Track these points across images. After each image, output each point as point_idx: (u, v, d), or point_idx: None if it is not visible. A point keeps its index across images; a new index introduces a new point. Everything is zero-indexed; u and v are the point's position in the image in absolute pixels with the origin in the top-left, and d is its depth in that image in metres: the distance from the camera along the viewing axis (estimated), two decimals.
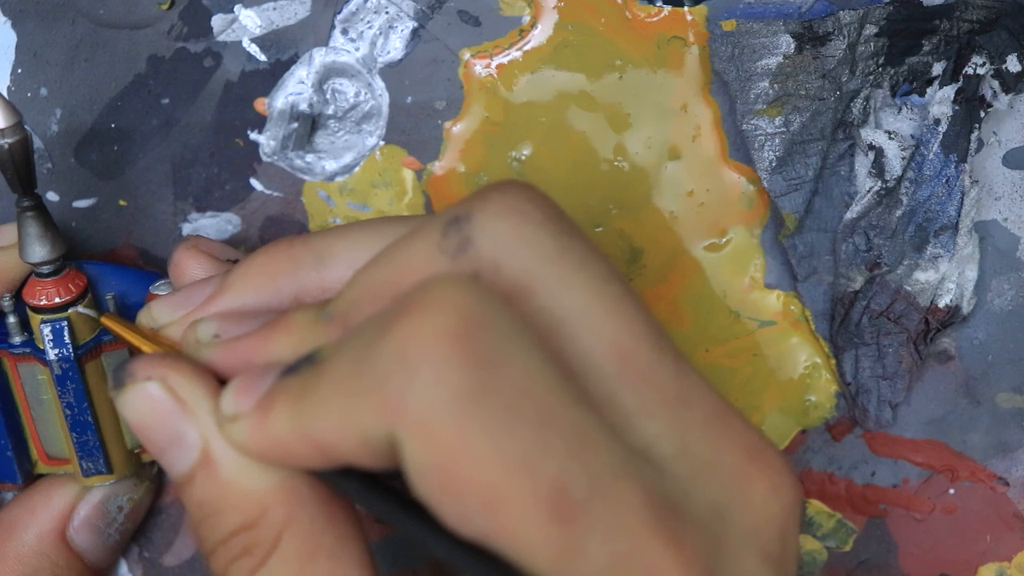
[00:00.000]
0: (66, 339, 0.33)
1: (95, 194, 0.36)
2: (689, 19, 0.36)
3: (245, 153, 0.36)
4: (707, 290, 0.38)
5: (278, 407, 0.26)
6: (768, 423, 0.38)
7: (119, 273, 0.35)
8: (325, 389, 0.24)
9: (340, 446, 0.24)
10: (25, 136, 0.31)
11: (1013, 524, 0.40)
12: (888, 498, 0.40)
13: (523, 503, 0.23)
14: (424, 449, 0.23)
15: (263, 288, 0.29)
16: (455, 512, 0.23)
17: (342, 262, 0.29)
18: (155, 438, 0.28)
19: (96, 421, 0.34)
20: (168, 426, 0.27)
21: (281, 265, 0.29)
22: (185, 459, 0.27)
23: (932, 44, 0.36)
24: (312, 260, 0.29)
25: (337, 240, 0.29)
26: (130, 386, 0.28)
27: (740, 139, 0.36)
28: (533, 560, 0.23)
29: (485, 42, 0.36)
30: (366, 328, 0.24)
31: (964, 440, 0.39)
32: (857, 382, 0.38)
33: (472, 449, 0.23)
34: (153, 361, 0.28)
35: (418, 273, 0.25)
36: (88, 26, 0.35)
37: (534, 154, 0.36)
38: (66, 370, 0.33)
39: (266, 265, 0.29)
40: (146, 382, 0.28)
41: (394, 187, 0.37)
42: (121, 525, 0.36)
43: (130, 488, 0.36)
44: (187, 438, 0.27)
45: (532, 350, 0.24)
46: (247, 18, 0.35)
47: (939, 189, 0.36)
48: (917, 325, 0.37)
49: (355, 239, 0.29)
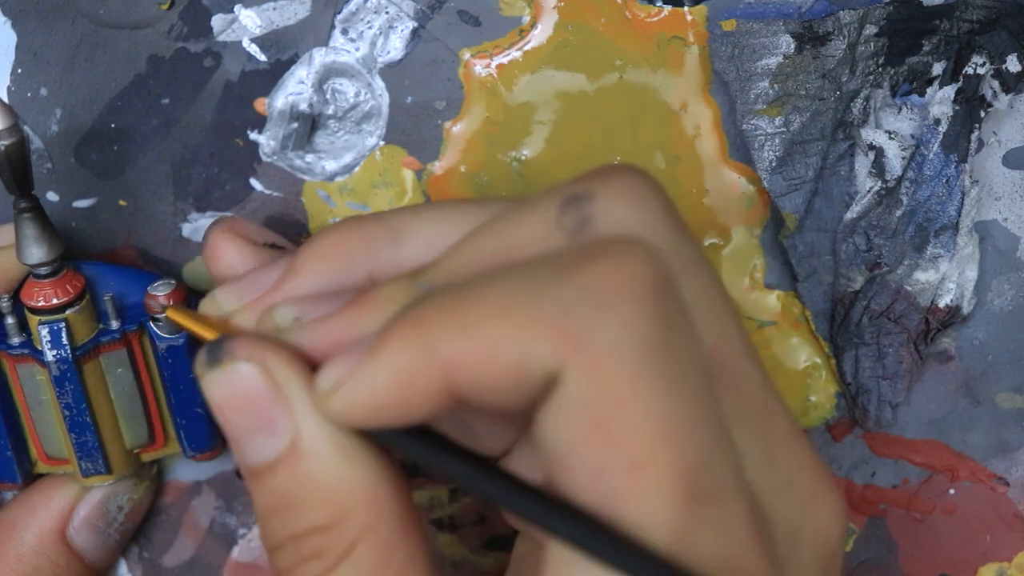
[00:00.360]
0: (64, 340, 0.33)
1: (95, 194, 0.36)
2: (689, 19, 0.36)
3: (245, 153, 0.36)
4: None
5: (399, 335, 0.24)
6: None
7: (117, 273, 0.35)
8: (479, 312, 0.23)
9: (482, 373, 0.23)
10: (22, 137, 0.31)
11: (1013, 524, 0.40)
12: (888, 498, 0.40)
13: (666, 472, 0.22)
14: (593, 387, 0.22)
15: (335, 268, 0.28)
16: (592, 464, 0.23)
17: (419, 240, 0.28)
18: (242, 422, 0.26)
19: (95, 422, 0.34)
20: (260, 410, 0.26)
21: (354, 243, 0.28)
22: (271, 447, 0.26)
23: (932, 44, 0.36)
24: (386, 238, 0.28)
25: (412, 218, 0.28)
26: (227, 365, 0.26)
27: (740, 139, 0.36)
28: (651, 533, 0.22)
29: (485, 42, 0.36)
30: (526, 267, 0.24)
31: (964, 440, 0.39)
32: (857, 382, 0.38)
33: (641, 403, 0.22)
34: (253, 342, 0.26)
35: (534, 247, 0.25)
36: (88, 26, 0.35)
37: (534, 154, 0.36)
38: (64, 371, 0.33)
39: (337, 244, 0.28)
40: (244, 362, 0.26)
41: (394, 187, 0.37)
42: (121, 525, 0.36)
43: (130, 488, 0.36)
44: (279, 425, 0.26)
45: (692, 328, 0.24)
46: (247, 18, 0.35)
47: (939, 189, 0.36)
48: (917, 325, 0.37)
49: (431, 219, 0.28)
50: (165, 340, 0.34)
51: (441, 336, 0.23)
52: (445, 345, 0.23)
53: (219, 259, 0.31)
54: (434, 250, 0.27)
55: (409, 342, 0.24)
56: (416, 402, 0.24)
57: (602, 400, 0.22)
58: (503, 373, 0.23)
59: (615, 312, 0.22)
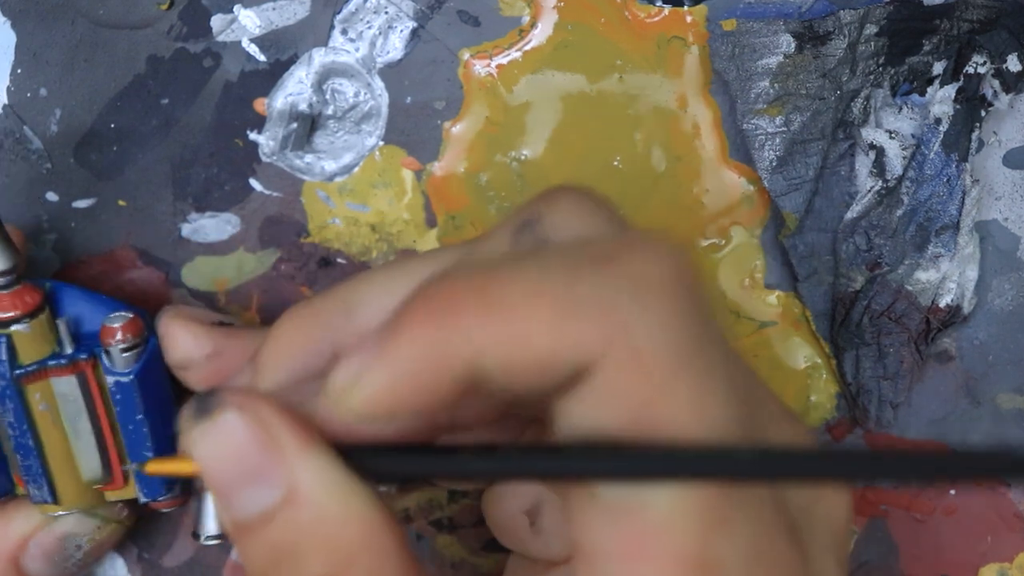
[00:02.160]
0: (3, 356, 0.31)
1: (95, 194, 0.36)
2: (689, 19, 0.36)
3: (245, 153, 0.36)
4: (707, 290, 0.38)
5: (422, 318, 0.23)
6: None
7: (81, 297, 0.33)
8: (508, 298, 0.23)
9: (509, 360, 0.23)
10: None
11: (1014, 525, 0.40)
12: (889, 499, 0.40)
13: None
14: (633, 380, 0.22)
15: (297, 357, 0.28)
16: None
17: (371, 306, 0.28)
18: (231, 474, 0.25)
19: (39, 447, 0.32)
20: (252, 461, 0.25)
21: (310, 327, 0.28)
22: (265, 498, 0.25)
23: (932, 44, 0.36)
24: (339, 310, 0.28)
25: (361, 286, 0.28)
26: (218, 415, 0.25)
27: (740, 139, 0.36)
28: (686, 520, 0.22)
29: (485, 42, 0.36)
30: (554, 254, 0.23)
31: (965, 440, 0.39)
32: (858, 382, 0.38)
33: (681, 396, 0.22)
34: (243, 393, 0.26)
35: None
36: (88, 26, 0.35)
37: (534, 154, 0.36)
38: (3, 388, 0.31)
39: (294, 334, 0.28)
40: (234, 412, 0.25)
41: (393, 187, 0.37)
42: (79, 560, 0.35)
43: (92, 529, 0.35)
44: (273, 474, 0.25)
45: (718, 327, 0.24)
46: (247, 18, 0.35)
47: (940, 188, 0.36)
48: (918, 325, 0.37)
49: (381, 283, 0.28)
50: (114, 375, 0.32)
51: (468, 317, 0.23)
52: (473, 327, 0.23)
53: (173, 344, 0.32)
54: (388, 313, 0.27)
55: (433, 324, 0.23)
56: (440, 389, 0.23)
57: (643, 393, 0.22)
58: (534, 359, 0.23)
59: (656, 305, 0.22)
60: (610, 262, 0.23)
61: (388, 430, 0.25)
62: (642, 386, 0.22)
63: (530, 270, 0.23)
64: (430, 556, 0.39)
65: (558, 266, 0.23)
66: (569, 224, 0.25)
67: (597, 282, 0.22)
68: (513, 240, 0.25)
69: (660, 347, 0.22)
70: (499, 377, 0.23)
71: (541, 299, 0.22)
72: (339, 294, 0.28)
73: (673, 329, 0.22)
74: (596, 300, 0.22)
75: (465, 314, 0.23)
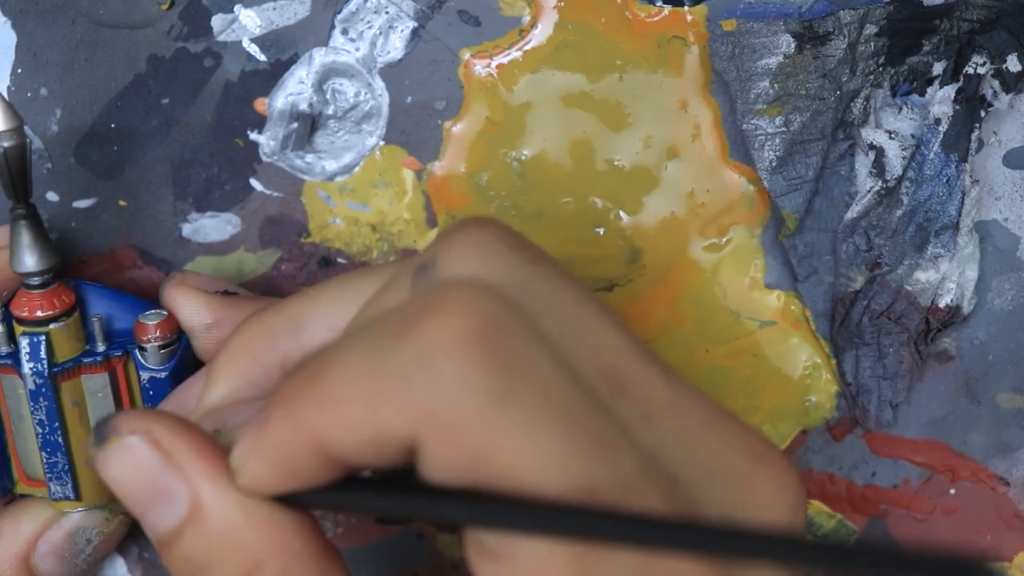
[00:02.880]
0: (42, 354, 0.32)
1: (95, 194, 0.36)
2: (689, 19, 0.36)
3: (245, 153, 0.36)
4: (707, 290, 0.38)
5: (275, 414, 0.25)
6: (768, 423, 0.38)
7: (111, 296, 0.34)
8: (331, 387, 0.24)
9: (345, 444, 0.24)
10: (23, 142, 0.30)
11: (1014, 524, 0.40)
12: (889, 498, 0.40)
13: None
14: (451, 453, 0.23)
15: (247, 369, 0.29)
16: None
17: (318, 322, 0.29)
18: (139, 495, 0.27)
19: (67, 443, 0.33)
20: (154, 481, 0.26)
21: (258, 342, 0.29)
22: (172, 514, 0.26)
23: (932, 44, 0.36)
24: (288, 328, 0.29)
25: (309, 303, 0.29)
26: (114, 441, 0.27)
27: (740, 139, 0.36)
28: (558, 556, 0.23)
29: (485, 42, 0.36)
30: (374, 328, 0.24)
31: (965, 440, 0.39)
32: (857, 382, 0.38)
33: (502, 452, 0.22)
34: (137, 415, 0.27)
35: None
36: (88, 26, 0.35)
37: (534, 154, 0.36)
38: (39, 385, 0.32)
39: (244, 346, 0.30)
40: (130, 436, 0.27)
41: (394, 187, 0.37)
42: (89, 556, 0.35)
43: (101, 522, 0.35)
44: (175, 492, 0.26)
45: (548, 354, 0.24)
46: (247, 18, 0.35)
47: (940, 189, 0.36)
48: (918, 325, 0.37)
49: (327, 300, 0.29)
50: (148, 371, 0.33)
51: (305, 409, 0.24)
52: (309, 418, 0.24)
53: (177, 313, 0.33)
54: (334, 331, 0.29)
55: (282, 419, 0.25)
56: (305, 471, 0.25)
57: (466, 462, 0.23)
58: (364, 442, 0.24)
59: (447, 374, 0.23)
60: (406, 334, 0.23)
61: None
62: (462, 455, 0.23)
63: (345, 353, 0.24)
64: (431, 555, 0.39)
65: (367, 345, 0.24)
66: (462, 265, 0.25)
67: (395, 359, 0.23)
68: (411, 283, 0.26)
69: (462, 414, 0.23)
70: (345, 458, 0.24)
71: (352, 384, 0.24)
72: (288, 311, 0.30)
73: (472, 390, 0.23)
74: (397, 379, 0.23)
75: (303, 405, 0.24)
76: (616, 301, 0.38)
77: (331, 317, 0.29)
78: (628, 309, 0.38)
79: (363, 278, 0.29)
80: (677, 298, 0.38)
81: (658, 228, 0.37)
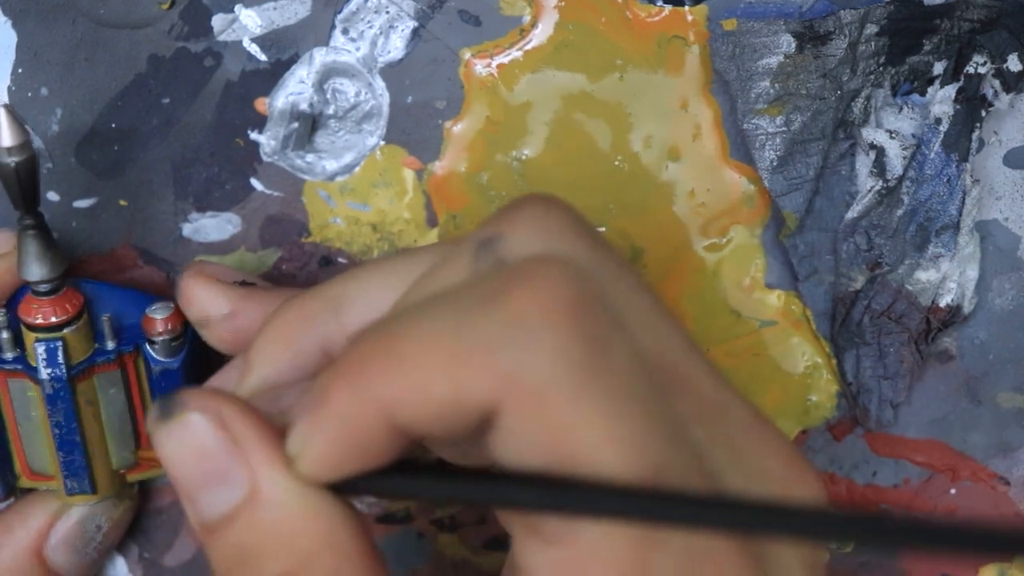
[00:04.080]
0: (60, 359, 0.32)
1: (95, 194, 0.36)
2: (690, 19, 0.36)
3: (245, 153, 0.36)
4: (708, 290, 0.38)
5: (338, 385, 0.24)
6: None
7: (116, 294, 0.34)
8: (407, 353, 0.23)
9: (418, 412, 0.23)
10: (32, 156, 0.30)
11: None
12: (889, 498, 0.40)
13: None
14: (533, 422, 0.22)
15: (286, 354, 0.29)
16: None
17: (360, 306, 0.28)
18: (196, 475, 0.26)
19: (84, 441, 0.33)
20: (215, 462, 0.25)
21: (298, 326, 0.29)
22: (228, 497, 0.25)
23: (933, 43, 0.36)
24: (328, 311, 0.29)
25: (350, 285, 0.29)
26: (179, 417, 0.26)
27: (741, 138, 0.36)
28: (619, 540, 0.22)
29: (486, 42, 0.36)
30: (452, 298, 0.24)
31: (965, 440, 0.39)
32: (858, 382, 0.38)
33: (584, 427, 0.22)
34: (205, 393, 0.26)
35: None
36: (88, 26, 0.35)
37: (535, 154, 0.36)
38: (58, 390, 0.33)
39: (283, 330, 0.29)
40: (197, 413, 0.26)
41: (394, 187, 0.37)
42: (99, 544, 0.35)
43: (109, 508, 0.35)
44: (234, 475, 0.25)
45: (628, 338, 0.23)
46: (247, 18, 0.35)
47: (940, 188, 0.36)
48: (918, 325, 0.37)
49: (368, 280, 0.28)
50: (160, 363, 0.34)
51: (375, 377, 0.24)
52: (380, 386, 0.23)
53: (192, 301, 0.33)
54: (377, 311, 0.28)
55: (347, 389, 0.24)
56: (372, 446, 0.24)
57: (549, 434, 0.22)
58: (440, 410, 0.23)
59: (540, 342, 0.22)
60: (495, 301, 0.23)
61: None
62: (544, 426, 0.22)
63: (424, 320, 0.23)
64: (432, 555, 0.39)
65: (449, 313, 0.23)
66: (530, 242, 0.25)
67: (482, 327, 0.23)
68: (474, 258, 0.25)
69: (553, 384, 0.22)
70: (416, 427, 0.24)
71: (433, 350, 0.23)
72: (328, 292, 0.29)
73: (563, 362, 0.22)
74: (483, 345, 0.23)
75: (373, 373, 0.24)
76: None
77: (375, 298, 0.28)
78: None
79: (410, 258, 0.28)
80: (678, 298, 0.38)
81: (658, 228, 0.37)
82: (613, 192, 0.37)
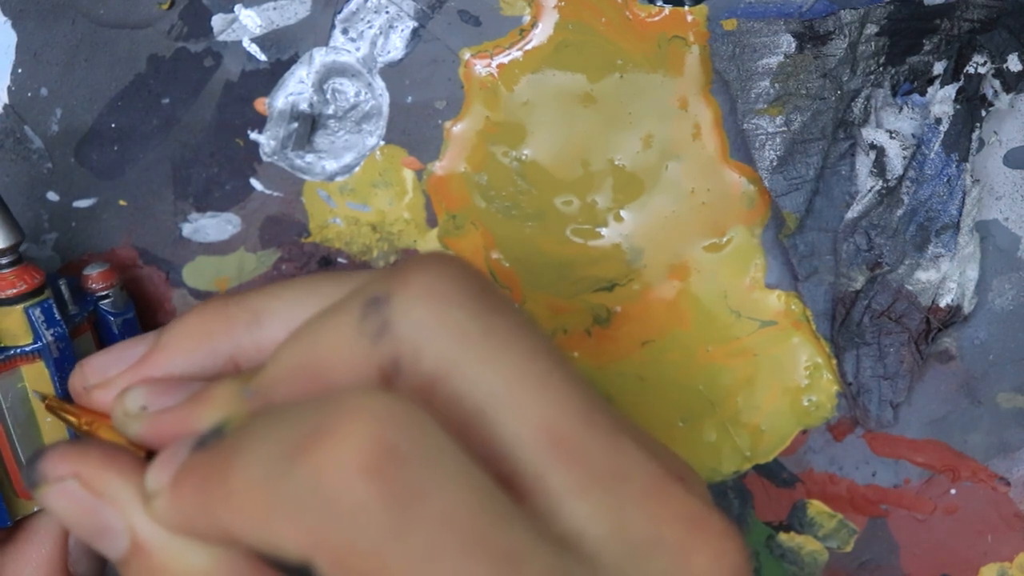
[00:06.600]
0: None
1: (95, 194, 0.36)
2: (690, 19, 0.36)
3: (245, 153, 0.36)
4: (708, 290, 0.38)
5: (187, 487, 0.25)
6: (769, 423, 0.38)
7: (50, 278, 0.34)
8: (235, 487, 0.24)
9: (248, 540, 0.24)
10: None
11: (1014, 524, 0.40)
12: (889, 498, 0.40)
13: None
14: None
15: (197, 349, 0.29)
16: None
17: (278, 321, 0.29)
18: (86, 529, 0.27)
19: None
20: (92, 519, 0.27)
21: (216, 326, 0.29)
22: (117, 547, 0.27)
23: (933, 43, 0.36)
24: (247, 320, 0.29)
25: (272, 300, 0.29)
26: (44, 487, 0.27)
27: (741, 138, 0.36)
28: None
29: (485, 42, 0.36)
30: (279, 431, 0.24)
31: (965, 440, 0.39)
32: (858, 382, 0.38)
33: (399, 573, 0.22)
34: (63, 457, 0.27)
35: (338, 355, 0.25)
36: (88, 26, 0.35)
37: (534, 154, 0.36)
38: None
39: (200, 326, 0.29)
40: (58, 483, 0.27)
41: (394, 187, 0.37)
42: None
43: None
44: (113, 528, 0.27)
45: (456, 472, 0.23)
46: (247, 18, 0.35)
47: (940, 188, 0.36)
48: (918, 325, 0.37)
49: (291, 299, 0.29)
50: (119, 315, 0.34)
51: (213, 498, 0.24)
52: (216, 508, 0.24)
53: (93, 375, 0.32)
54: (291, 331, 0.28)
55: (192, 497, 0.25)
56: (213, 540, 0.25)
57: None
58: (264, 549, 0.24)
59: (339, 505, 0.22)
60: (301, 455, 0.23)
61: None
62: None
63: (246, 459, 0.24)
64: None
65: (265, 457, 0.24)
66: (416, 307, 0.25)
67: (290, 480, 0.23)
68: (360, 316, 0.25)
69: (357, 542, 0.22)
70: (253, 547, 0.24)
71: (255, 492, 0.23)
72: (251, 303, 0.29)
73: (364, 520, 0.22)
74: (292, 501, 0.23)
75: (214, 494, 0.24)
76: (616, 301, 0.38)
77: (291, 316, 0.28)
78: (628, 309, 0.38)
79: (328, 282, 0.29)
80: (677, 298, 0.38)
81: (658, 228, 0.37)
82: (614, 192, 0.37)
